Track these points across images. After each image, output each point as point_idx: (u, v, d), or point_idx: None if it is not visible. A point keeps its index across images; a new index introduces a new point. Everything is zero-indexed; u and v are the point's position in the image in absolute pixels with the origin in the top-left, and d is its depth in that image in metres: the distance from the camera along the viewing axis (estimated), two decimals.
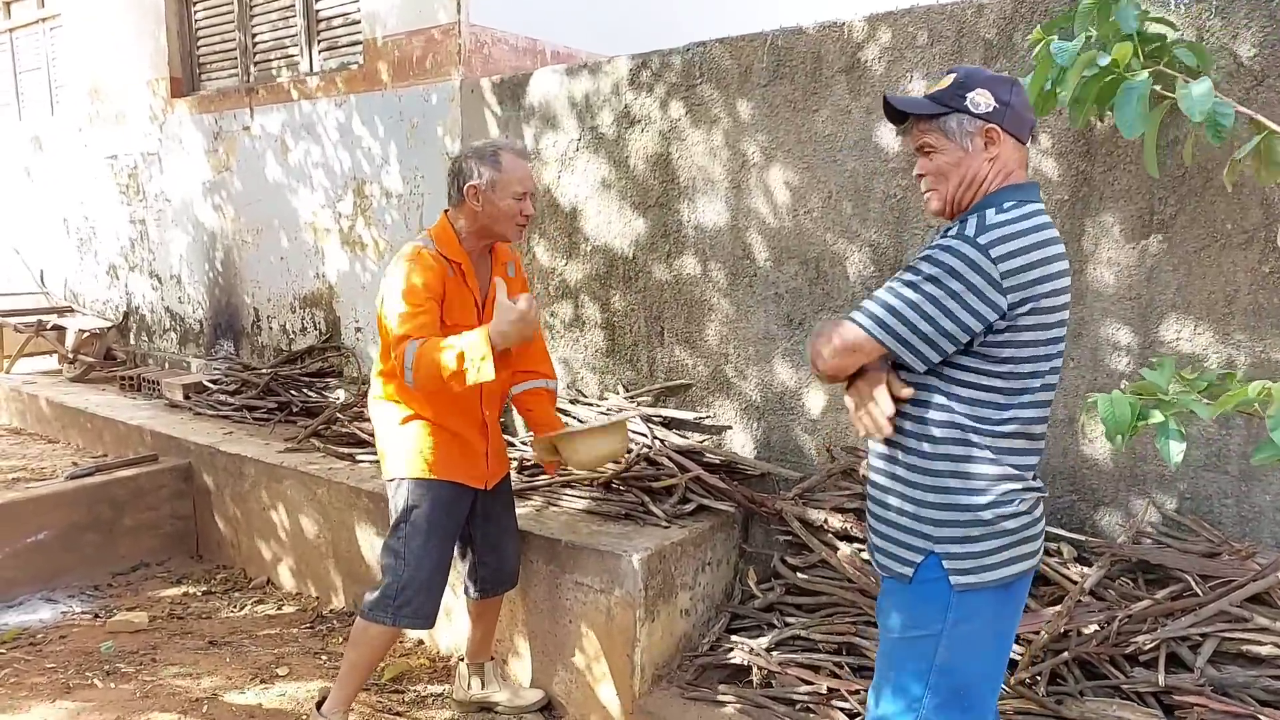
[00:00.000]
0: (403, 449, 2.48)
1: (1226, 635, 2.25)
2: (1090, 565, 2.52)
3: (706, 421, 3.40)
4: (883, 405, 1.66)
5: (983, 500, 1.63)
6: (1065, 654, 2.38)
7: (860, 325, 1.62)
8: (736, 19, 3.64)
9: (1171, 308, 2.52)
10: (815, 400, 3.15)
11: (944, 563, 1.65)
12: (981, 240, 1.55)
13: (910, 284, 1.59)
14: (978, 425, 1.62)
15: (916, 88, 2.84)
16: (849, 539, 2.88)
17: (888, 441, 1.72)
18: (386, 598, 2.48)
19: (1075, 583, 2.46)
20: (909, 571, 1.69)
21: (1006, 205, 1.61)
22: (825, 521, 2.90)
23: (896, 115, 1.72)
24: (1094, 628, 2.36)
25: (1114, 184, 2.57)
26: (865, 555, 2.81)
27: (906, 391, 1.66)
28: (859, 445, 3.07)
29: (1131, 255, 2.56)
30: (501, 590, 2.76)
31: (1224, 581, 2.31)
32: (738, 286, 3.29)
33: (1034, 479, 1.71)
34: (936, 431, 1.64)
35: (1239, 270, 2.41)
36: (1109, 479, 2.63)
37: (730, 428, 3.36)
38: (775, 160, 3.15)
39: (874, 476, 1.77)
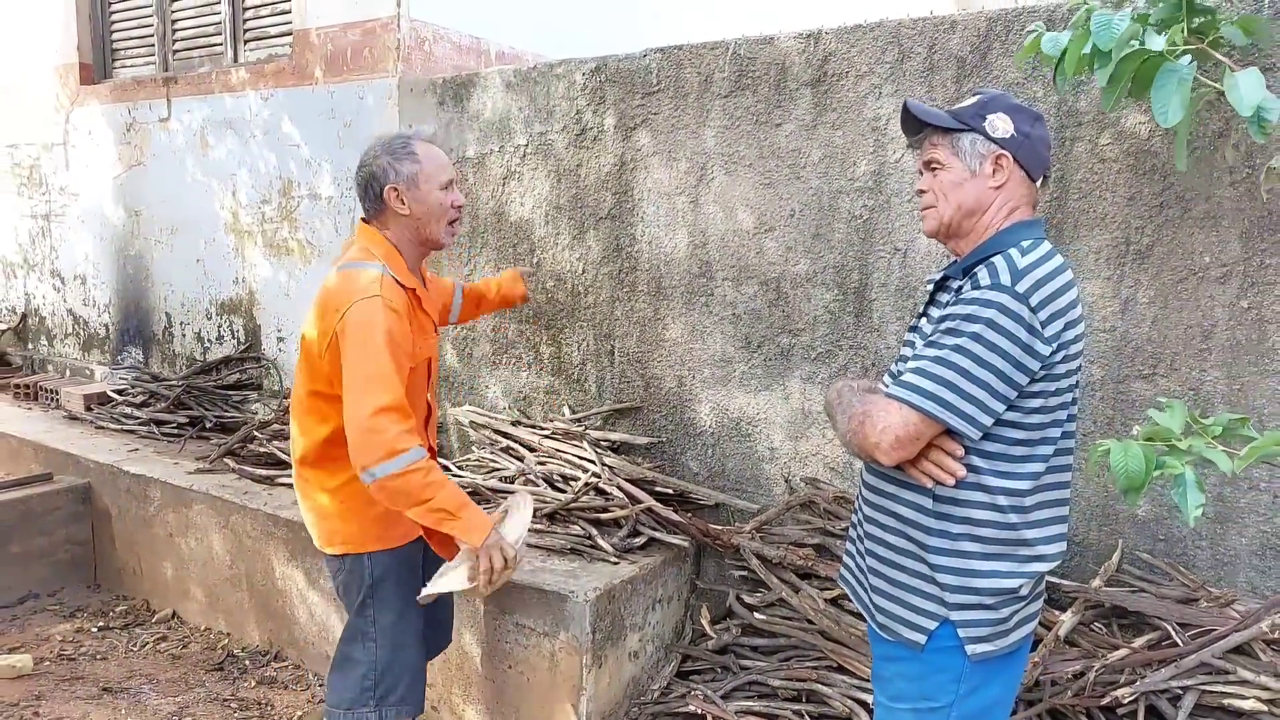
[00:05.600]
0: (354, 515, 2.12)
1: (1207, 688, 2.15)
2: (1063, 610, 2.40)
3: (657, 447, 3.21)
4: (952, 450, 1.48)
5: (1004, 567, 1.49)
6: (1039, 705, 2.27)
7: (913, 405, 1.44)
8: (697, 30, 3.47)
9: (1147, 341, 2.43)
10: (773, 428, 2.98)
11: (959, 631, 1.51)
12: (1020, 288, 1.42)
13: (956, 347, 1.43)
14: (1004, 485, 1.48)
15: (885, 105, 2.72)
16: (810, 576, 2.72)
17: (897, 497, 1.56)
18: (366, 690, 2.12)
19: (1048, 628, 2.34)
20: (921, 639, 1.54)
21: (1025, 244, 1.49)
22: (785, 558, 2.73)
23: (911, 126, 1.62)
24: (1069, 677, 2.25)
25: (1089, 211, 2.48)
26: (828, 595, 2.66)
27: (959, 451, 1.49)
28: (818, 476, 2.92)
29: (1106, 287, 2.46)
30: (436, 652, 2.47)
31: (1203, 630, 2.22)
32: (693, 306, 3.11)
33: (1062, 541, 1.56)
34: (960, 493, 1.49)
35: (1217, 305, 2.33)
36: (1079, 517, 2.53)
37: (682, 454, 3.17)
38: (735, 175, 2.98)
39: (879, 532, 1.61)
